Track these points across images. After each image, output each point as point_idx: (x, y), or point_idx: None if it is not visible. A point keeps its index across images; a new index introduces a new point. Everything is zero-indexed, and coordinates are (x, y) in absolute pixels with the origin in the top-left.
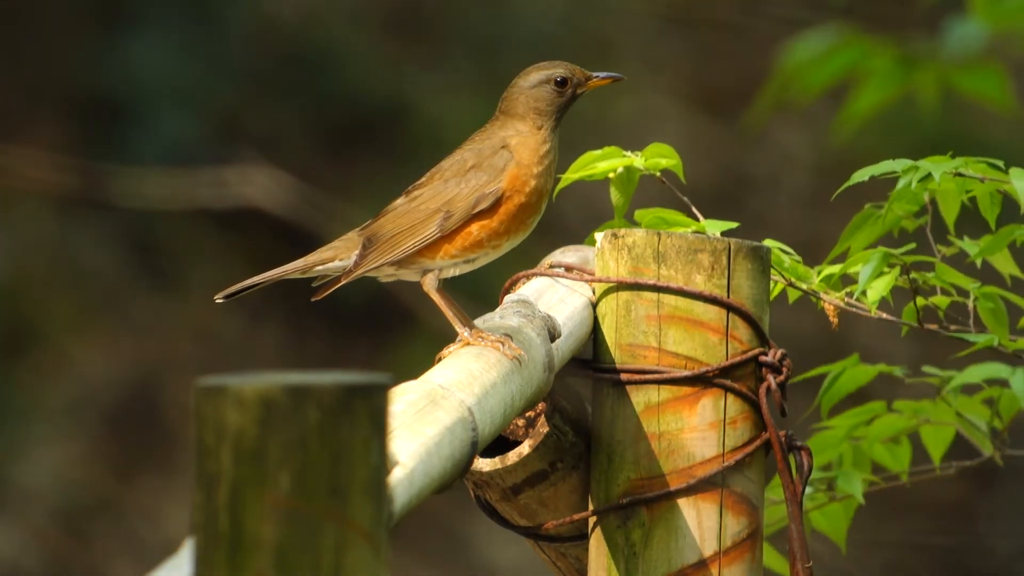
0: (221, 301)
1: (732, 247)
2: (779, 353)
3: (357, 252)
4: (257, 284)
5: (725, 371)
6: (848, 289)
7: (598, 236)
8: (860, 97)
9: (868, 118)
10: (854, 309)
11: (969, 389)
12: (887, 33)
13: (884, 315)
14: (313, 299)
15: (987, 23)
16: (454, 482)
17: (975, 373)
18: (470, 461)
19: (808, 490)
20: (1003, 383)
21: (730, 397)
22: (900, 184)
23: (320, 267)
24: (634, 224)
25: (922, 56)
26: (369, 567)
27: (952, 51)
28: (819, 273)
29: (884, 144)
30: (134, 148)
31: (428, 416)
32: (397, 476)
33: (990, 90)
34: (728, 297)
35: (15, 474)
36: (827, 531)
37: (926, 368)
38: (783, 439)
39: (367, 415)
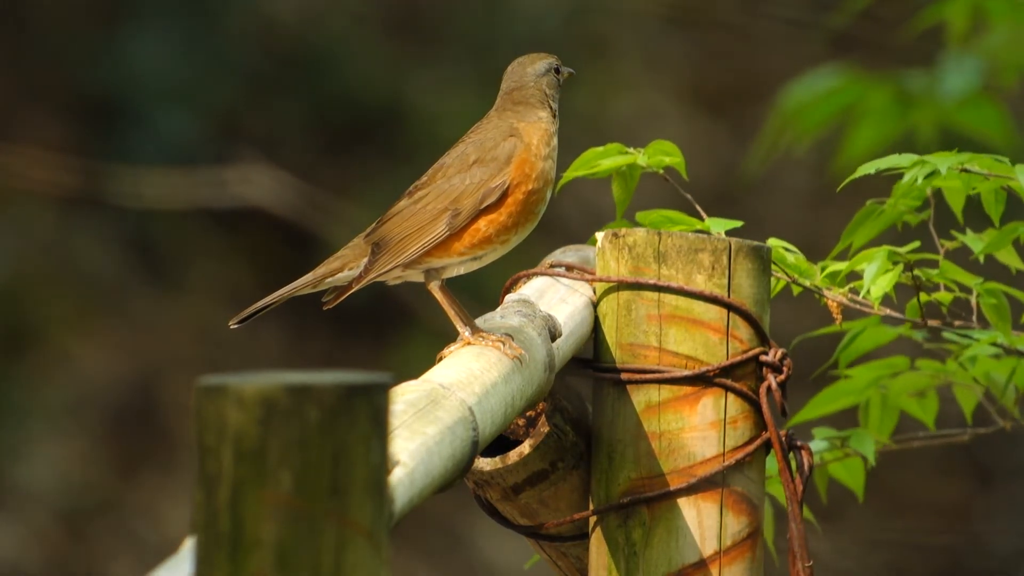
0: (235, 327)
1: (733, 247)
2: (779, 353)
3: (367, 259)
4: (269, 305)
5: (726, 371)
6: (852, 285)
7: (599, 236)
8: (857, 137)
9: (866, 157)
10: (857, 306)
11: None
12: (883, 61)
13: (888, 311)
14: (325, 308)
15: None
16: (455, 481)
17: (988, 346)
18: (471, 460)
19: (823, 444)
20: (1019, 353)
21: (730, 397)
22: (906, 178)
23: (330, 279)
24: (635, 223)
25: (919, 94)
26: (369, 566)
27: (950, 88)
28: (823, 269)
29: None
30: (134, 148)
31: (429, 415)
32: (398, 475)
33: (989, 125)
34: (729, 297)
35: (15, 474)
36: (846, 480)
37: (947, 334)
38: (783, 438)
39: (368, 415)
